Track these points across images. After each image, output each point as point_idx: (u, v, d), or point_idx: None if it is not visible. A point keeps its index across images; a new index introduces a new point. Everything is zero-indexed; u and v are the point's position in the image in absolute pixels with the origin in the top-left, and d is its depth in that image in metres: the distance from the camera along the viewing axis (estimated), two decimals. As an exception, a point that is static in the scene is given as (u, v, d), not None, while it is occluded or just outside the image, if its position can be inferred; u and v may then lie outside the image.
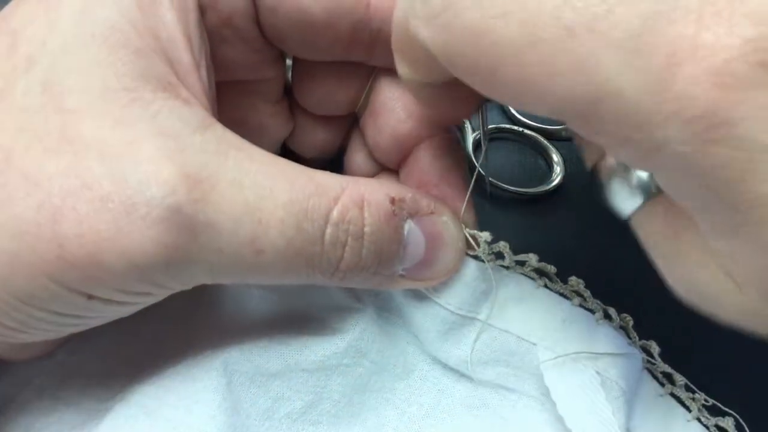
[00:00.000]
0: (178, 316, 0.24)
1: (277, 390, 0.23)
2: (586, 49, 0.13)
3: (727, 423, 0.24)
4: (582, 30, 0.13)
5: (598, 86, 0.13)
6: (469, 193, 0.23)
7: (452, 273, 0.22)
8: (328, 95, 0.25)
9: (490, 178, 0.32)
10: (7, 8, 0.18)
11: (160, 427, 0.20)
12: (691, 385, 0.24)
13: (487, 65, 0.14)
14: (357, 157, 0.27)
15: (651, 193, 0.16)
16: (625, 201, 0.17)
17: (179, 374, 0.22)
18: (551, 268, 0.23)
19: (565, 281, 0.23)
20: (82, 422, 0.22)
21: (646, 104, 0.12)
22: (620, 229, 0.31)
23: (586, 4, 0.13)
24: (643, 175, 0.17)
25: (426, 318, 0.23)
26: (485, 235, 0.22)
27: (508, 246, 0.22)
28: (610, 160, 0.18)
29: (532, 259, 0.23)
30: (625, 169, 0.17)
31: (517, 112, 0.35)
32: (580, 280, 0.23)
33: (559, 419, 0.22)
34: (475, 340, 0.23)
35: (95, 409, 0.22)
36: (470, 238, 0.22)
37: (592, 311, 0.23)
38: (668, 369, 0.24)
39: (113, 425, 0.21)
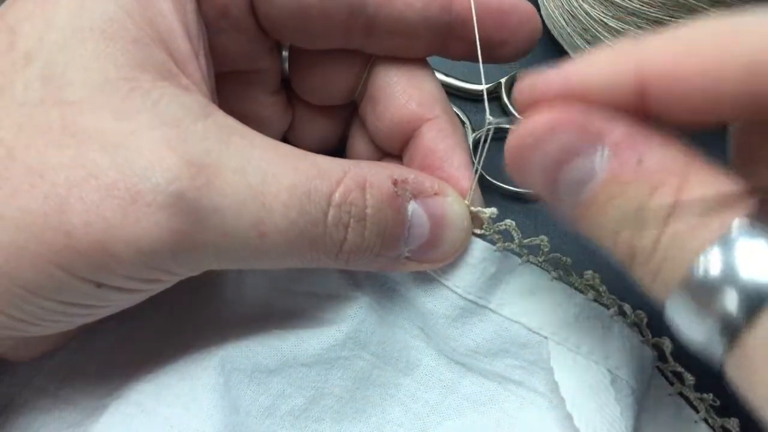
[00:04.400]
0: (176, 315, 0.24)
1: (277, 387, 0.22)
2: None
3: (733, 425, 0.24)
4: None
5: None
6: (475, 172, 0.23)
7: (458, 253, 0.22)
8: (325, 83, 0.25)
9: (489, 178, 0.32)
10: (4, 6, 0.18)
11: (156, 426, 0.20)
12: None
13: None
14: (358, 145, 0.27)
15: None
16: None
17: (177, 372, 0.22)
18: (567, 260, 0.23)
19: (580, 275, 0.23)
20: (81, 420, 0.22)
21: None
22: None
23: None
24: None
25: (435, 302, 0.23)
26: (490, 212, 0.22)
27: (514, 224, 0.22)
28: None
29: (544, 240, 0.22)
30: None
31: (517, 112, 0.35)
32: (596, 275, 0.22)
33: (567, 417, 0.22)
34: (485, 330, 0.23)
35: (94, 407, 0.22)
36: (474, 217, 0.22)
37: (606, 306, 0.23)
38: (679, 368, 0.23)
39: (110, 423, 0.20)
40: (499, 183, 0.32)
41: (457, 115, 0.34)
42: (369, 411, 0.24)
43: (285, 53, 0.25)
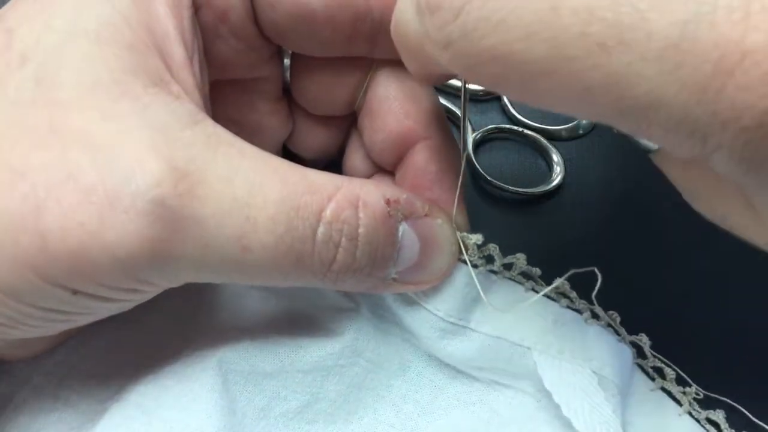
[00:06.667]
0: (176, 317, 0.25)
1: (272, 389, 0.23)
2: (622, 63, 0.12)
3: (718, 416, 0.24)
4: (614, 43, 0.12)
5: (638, 99, 0.12)
6: (458, 194, 0.23)
7: (445, 277, 0.22)
8: (326, 93, 0.25)
9: (489, 178, 0.33)
10: (5, 8, 0.19)
11: (156, 427, 0.20)
12: (685, 377, 0.24)
13: (517, 81, 0.14)
14: (354, 157, 0.27)
15: None
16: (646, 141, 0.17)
17: (176, 374, 0.22)
18: (536, 271, 0.23)
19: (550, 283, 0.23)
20: (81, 423, 0.22)
21: (695, 114, 0.12)
22: (620, 229, 0.32)
23: (615, 14, 0.12)
24: None
25: (416, 325, 0.23)
26: (476, 238, 0.22)
27: (497, 248, 0.22)
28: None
29: (520, 259, 0.23)
30: None
31: (517, 112, 0.35)
32: (566, 282, 0.23)
33: (556, 417, 0.23)
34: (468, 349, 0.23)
35: (93, 410, 0.22)
36: (461, 242, 0.22)
37: (579, 311, 0.23)
38: (658, 363, 0.24)
39: (110, 425, 0.21)
40: (499, 183, 0.33)
41: (456, 114, 0.35)
42: (361, 413, 0.24)
43: (287, 61, 0.25)
